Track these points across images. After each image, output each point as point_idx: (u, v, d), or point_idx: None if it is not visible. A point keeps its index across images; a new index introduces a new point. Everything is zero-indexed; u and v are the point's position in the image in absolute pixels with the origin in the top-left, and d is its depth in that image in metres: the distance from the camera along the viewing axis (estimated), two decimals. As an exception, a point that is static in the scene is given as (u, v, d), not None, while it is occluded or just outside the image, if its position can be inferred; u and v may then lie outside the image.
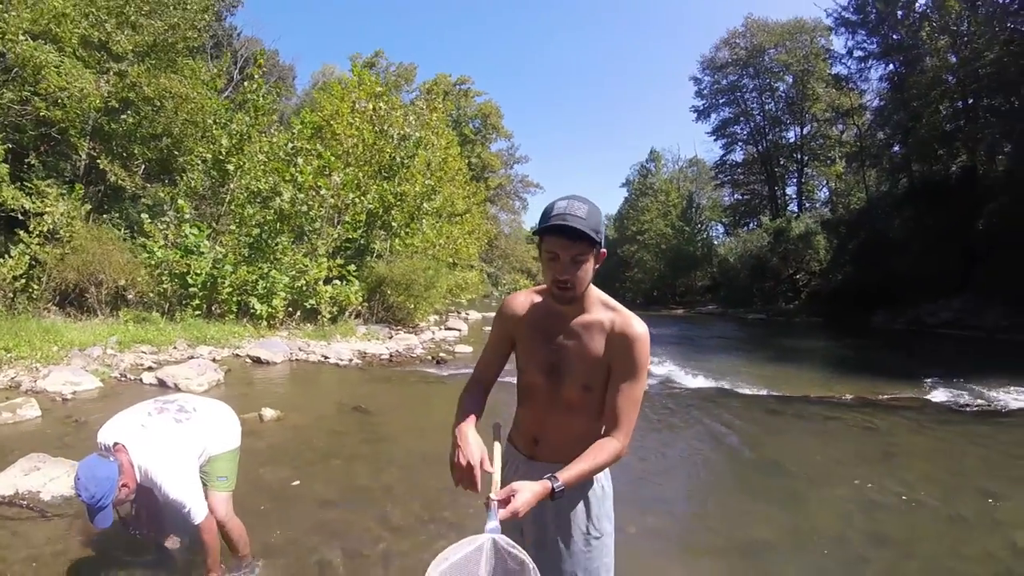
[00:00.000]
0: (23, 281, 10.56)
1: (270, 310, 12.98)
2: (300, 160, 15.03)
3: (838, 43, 35.97)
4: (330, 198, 15.35)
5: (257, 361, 9.90)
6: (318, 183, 14.99)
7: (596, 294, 1.88)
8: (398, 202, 17.74)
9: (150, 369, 8.12)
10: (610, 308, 1.87)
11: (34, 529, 3.37)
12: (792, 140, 47.50)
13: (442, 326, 19.35)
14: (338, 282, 14.91)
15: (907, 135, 28.57)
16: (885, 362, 13.82)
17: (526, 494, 1.56)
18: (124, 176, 14.25)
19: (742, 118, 49.72)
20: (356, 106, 18.73)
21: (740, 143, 51.37)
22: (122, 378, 7.64)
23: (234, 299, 12.76)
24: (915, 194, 27.33)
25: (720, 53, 48.64)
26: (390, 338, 14.61)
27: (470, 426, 1.74)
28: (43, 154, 13.51)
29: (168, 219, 12.93)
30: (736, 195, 54.98)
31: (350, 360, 11.09)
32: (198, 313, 12.23)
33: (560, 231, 1.67)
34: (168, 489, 2.65)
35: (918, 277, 23.41)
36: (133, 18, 14.25)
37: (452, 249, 24.67)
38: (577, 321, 1.86)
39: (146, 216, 12.73)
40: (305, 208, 14.56)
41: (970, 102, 26.40)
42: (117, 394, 6.86)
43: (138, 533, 3.07)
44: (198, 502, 2.72)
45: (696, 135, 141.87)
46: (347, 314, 15.11)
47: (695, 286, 52.20)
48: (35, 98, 12.23)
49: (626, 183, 70.51)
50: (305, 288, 13.91)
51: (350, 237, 16.15)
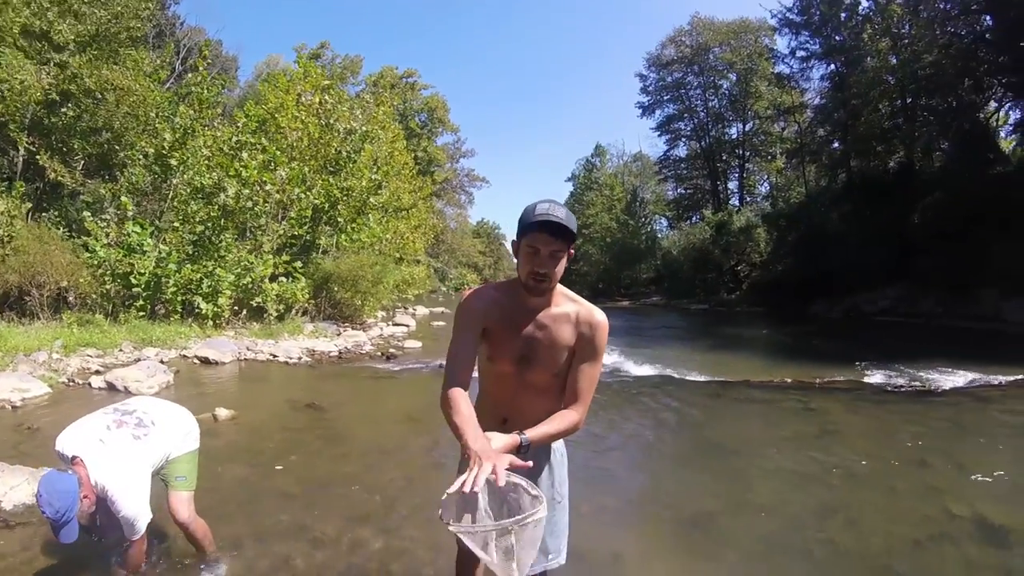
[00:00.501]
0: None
1: (216, 309, 12.79)
2: (245, 154, 14.79)
3: (781, 43, 37.05)
4: (276, 193, 15.12)
5: (205, 361, 9.86)
6: (263, 178, 14.77)
7: (561, 289, 2.12)
8: (344, 197, 17.59)
9: (98, 373, 8.05)
10: (574, 301, 2.13)
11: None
12: (734, 136, 48.72)
13: (390, 322, 19.34)
14: (284, 279, 14.76)
15: (846, 132, 29.76)
16: (823, 348, 14.42)
17: (498, 440, 1.80)
18: (64, 172, 13.81)
19: (686, 114, 50.68)
20: (302, 99, 18.47)
21: (684, 139, 52.40)
22: (70, 383, 7.57)
23: (179, 299, 12.53)
24: (853, 189, 28.39)
25: (666, 51, 49.41)
26: (338, 335, 14.58)
27: (480, 439, 1.76)
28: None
29: (109, 216, 12.59)
30: (679, 189, 56.10)
31: (299, 358, 11.11)
32: (142, 314, 11.99)
33: (545, 227, 1.89)
34: (121, 507, 2.69)
35: (856, 268, 24.29)
36: (76, 6, 13.83)
37: (399, 244, 24.61)
38: (545, 314, 2.09)
39: (88, 214, 12.37)
40: (250, 204, 14.34)
41: (908, 101, 27.53)
42: (67, 399, 6.82)
43: (100, 539, 3.08)
44: (143, 522, 2.77)
45: (641, 131, 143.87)
46: (294, 312, 14.99)
47: (639, 278, 53.15)
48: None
49: (571, 177, 71.23)
50: (251, 286, 13.72)
51: (296, 233, 15.95)
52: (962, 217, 19.74)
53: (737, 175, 49.34)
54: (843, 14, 29.88)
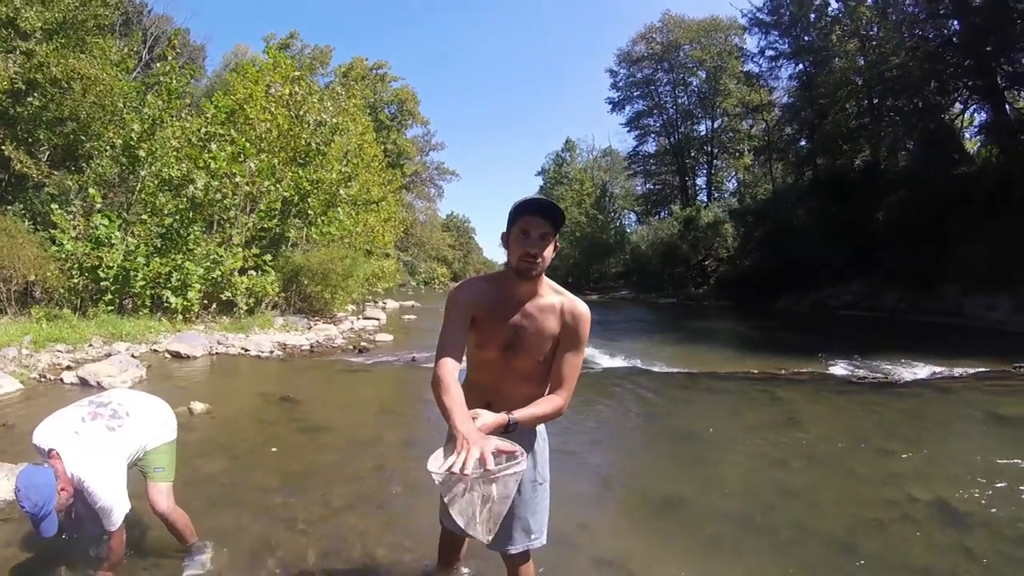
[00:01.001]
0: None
1: (185, 303, 12.61)
2: (214, 146, 14.57)
3: (751, 42, 37.70)
4: (245, 185, 14.94)
5: (177, 356, 9.76)
6: (232, 170, 14.57)
7: (547, 282, 2.26)
8: (314, 189, 17.43)
9: (69, 368, 7.92)
10: (559, 293, 2.28)
11: None
12: (703, 133, 49.45)
13: (360, 316, 19.22)
14: (254, 273, 14.58)
15: (814, 131, 30.40)
16: (789, 341, 14.69)
17: (487, 417, 1.95)
18: (29, 163, 13.49)
19: (655, 111, 51.29)
20: (271, 90, 18.24)
21: (653, 135, 53.02)
22: (42, 378, 7.46)
23: (148, 292, 12.33)
24: (819, 186, 29.00)
25: (637, 47, 49.92)
26: (309, 329, 14.49)
27: (469, 422, 1.87)
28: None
29: (75, 209, 12.31)
30: (648, 185, 56.72)
31: (271, 352, 11.06)
32: (111, 308, 11.77)
33: (534, 208, 2.08)
34: (97, 498, 2.71)
35: (821, 263, 24.82)
36: (43, -8, 13.43)
37: (369, 237, 24.48)
38: (531, 304, 2.23)
39: (55, 206, 12.06)
40: (219, 196, 14.13)
41: (875, 102, 28.14)
42: (39, 395, 6.73)
43: (76, 536, 3.07)
44: (120, 513, 2.78)
45: (611, 126, 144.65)
46: (264, 305, 14.85)
47: (608, 272, 53.52)
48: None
49: (541, 172, 71.56)
50: (220, 279, 13.55)
51: (265, 226, 15.76)
52: (926, 215, 20.24)
53: (705, 171, 50.10)
54: (812, 15, 30.50)
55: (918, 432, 6.29)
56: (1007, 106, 20.99)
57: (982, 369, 9.46)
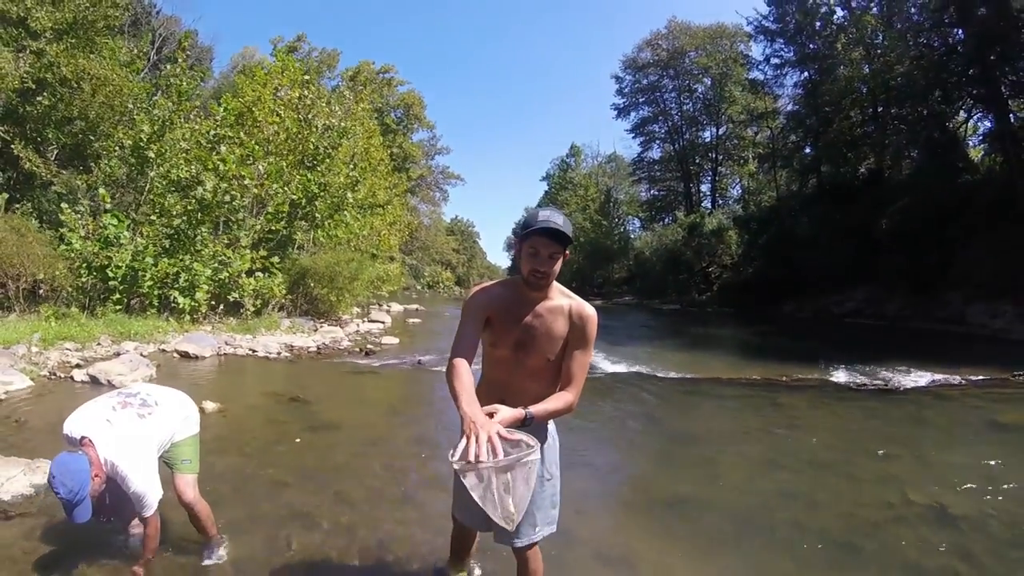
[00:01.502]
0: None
1: (193, 304, 12.76)
2: (223, 148, 14.74)
3: (756, 50, 38.04)
4: (253, 188, 15.10)
5: (185, 356, 9.88)
6: (241, 172, 14.72)
7: (556, 286, 2.42)
8: (322, 193, 17.59)
9: (79, 366, 8.02)
10: (567, 296, 2.43)
11: (0, 530, 3.38)
12: (708, 140, 49.55)
13: (365, 318, 19.35)
14: (261, 274, 14.73)
15: (818, 138, 30.34)
16: (792, 348, 14.67)
17: (505, 412, 2.06)
18: (38, 162, 13.61)
19: (660, 117, 51.38)
20: (279, 93, 18.38)
21: (658, 141, 53.08)
22: (52, 376, 7.54)
23: (155, 292, 12.47)
24: (823, 194, 29.01)
25: (642, 54, 50.04)
26: (315, 331, 14.61)
27: (479, 409, 1.99)
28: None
29: (83, 208, 12.45)
30: (652, 191, 56.84)
31: (279, 353, 11.17)
32: (119, 308, 11.90)
33: (545, 232, 2.19)
34: (131, 483, 2.78)
35: (825, 270, 24.87)
36: (54, -8, 13.55)
37: (375, 241, 24.61)
38: (542, 307, 2.38)
39: (65, 205, 12.20)
40: (228, 198, 14.29)
41: (879, 110, 28.13)
42: (50, 392, 6.81)
43: (105, 519, 3.11)
44: (154, 498, 2.86)
45: (615, 132, 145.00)
46: (271, 307, 14.98)
47: (612, 278, 53.62)
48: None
49: (546, 177, 71.76)
50: (228, 281, 13.71)
51: (273, 228, 15.92)
52: (929, 223, 20.24)
53: (710, 178, 50.14)
54: (818, 23, 30.45)
55: (916, 438, 6.35)
56: (1011, 115, 20.97)
57: (982, 377, 9.48)
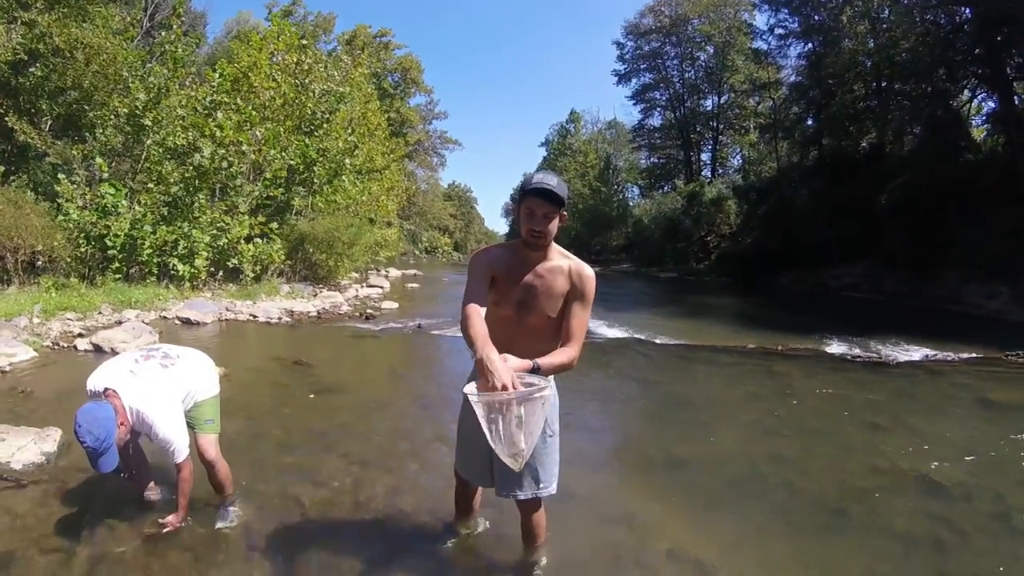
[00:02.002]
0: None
1: (192, 271, 12.78)
2: (220, 114, 14.61)
3: (760, 19, 37.43)
4: (251, 154, 15.01)
5: (187, 322, 9.95)
6: (238, 138, 14.63)
7: (556, 248, 2.54)
8: (320, 158, 17.52)
9: (81, 336, 8.04)
10: (567, 257, 2.55)
11: (12, 499, 3.42)
12: (709, 108, 48.97)
13: (364, 284, 19.48)
14: (260, 240, 14.75)
15: (820, 111, 29.99)
16: (787, 319, 14.77)
17: (514, 361, 2.12)
18: (32, 133, 13.42)
19: (662, 84, 50.75)
20: (275, 58, 18.14)
21: (659, 108, 52.55)
22: (55, 346, 7.56)
23: (154, 260, 12.47)
24: (824, 166, 28.68)
25: (645, 20, 49.20)
26: (315, 296, 14.71)
27: (494, 350, 2.08)
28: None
29: (79, 179, 12.34)
30: (652, 159, 56.44)
31: (279, 318, 11.25)
32: (118, 277, 11.90)
33: (539, 193, 2.31)
34: (158, 428, 2.86)
35: (823, 243, 24.86)
36: (44, -40, 13.27)
37: (373, 206, 24.55)
38: (542, 267, 2.49)
39: (62, 176, 12.11)
40: (225, 164, 14.23)
41: (883, 85, 27.75)
42: (54, 362, 6.84)
43: (126, 474, 3.22)
44: (183, 442, 2.95)
45: (616, 98, 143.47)
46: (270, 273, 15.03)
47: (610, 245, 53.61)
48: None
49: (545, 143, 71.33)
50: (227, 247, 13.74)
51: (270, 194, 15.86)
52: (929, 201, 20.10)
53: (710, 147, 49.79)
54: (823, -6, 30.01)
55: (907, 410, 6.44)
56: (1015, 97, 20.79)
57: (974, 355, 9.55)
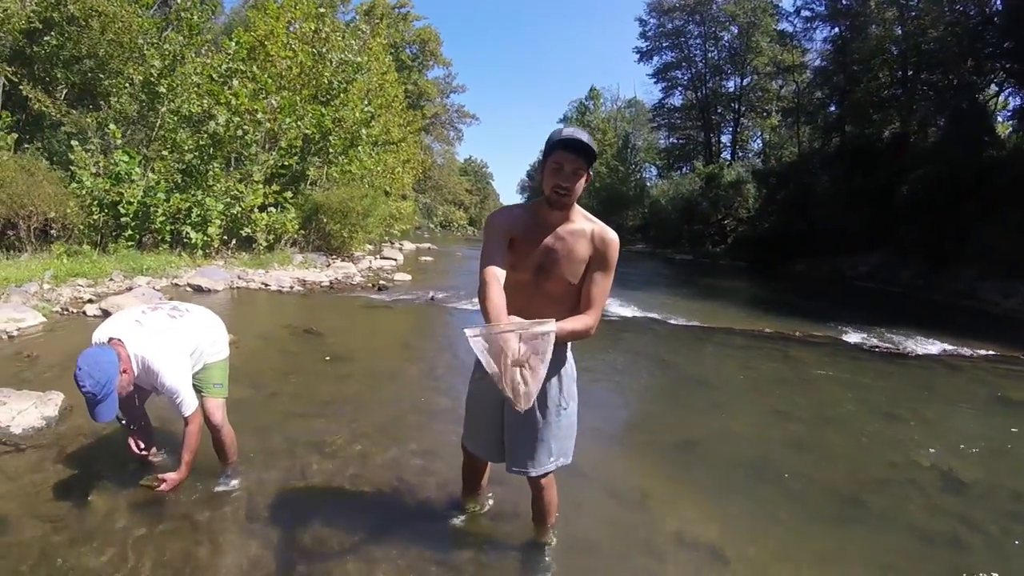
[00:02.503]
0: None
1: (205, 239, 12.78)
2: (235, 82, 14.53)
3: (787, 0, 36.79)
4: (266, 122, 14.93)
5: (198, 289, 9.95)
6: (254, 107, 14.54)
7: (579, 210, 2.37)
8: (336, 127, 17.41)
9: (91, 302, 8.01)
10: (590, 220, 2.38)
11: (11, 462, 3.37)
12: (731, 90, 48.06)
13: (378, 256, 19.49)
14: (274, 209, 14.72)
15: (844, 97, 29.57)
16: (803, 306, 14.58)
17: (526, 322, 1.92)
18: (47, 102, 13.33)
19: (684, 63, 49.85)
20: (293, 27, 17.99)
21: (680, 88, 51.61)
22: (64, 312, 7.54)
23: (167, 228, 12.46)
24: (845, 154, 28.21)
25: (668, -3, 48.30)
26: (328, 266, 14.71)
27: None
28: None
29: (94, 147, 12.31)
30: (672, 139, 55.57)
31: (291, 287, 11.27)
32: (131, 244, 11.89)
33: (569, 146, 2.15)
34: (164, 377, 2.76)
35: (841, 232, 24.42)
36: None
37: (389, 178, 24.45)
38: (563, 229, 2.32)
39: (75, 143, 12.05)
40: (240, 133, 14.15)
41: (909, 73, 27.23)
42: (62, 327, 6.81)
43: (132, 427, 3.12)
44: (190, 393, 2.86)
45: (637, 76, 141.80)
46: (283, 242, 15.03)
47: (626, 225, 53.10)
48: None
49: (564, 119, 70.26)
50: (240, 216, 13.72)
51: (285, 163, 15.80)
52: (950, 194, 19.82)
53: (731, 129, 48.92)
54: (852, -23, 29.34)
55: (925, 403, 6.31)
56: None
57: (991, 352, 9.33)
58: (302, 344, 6.83)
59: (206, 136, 13.63)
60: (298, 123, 15.65)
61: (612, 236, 2.34)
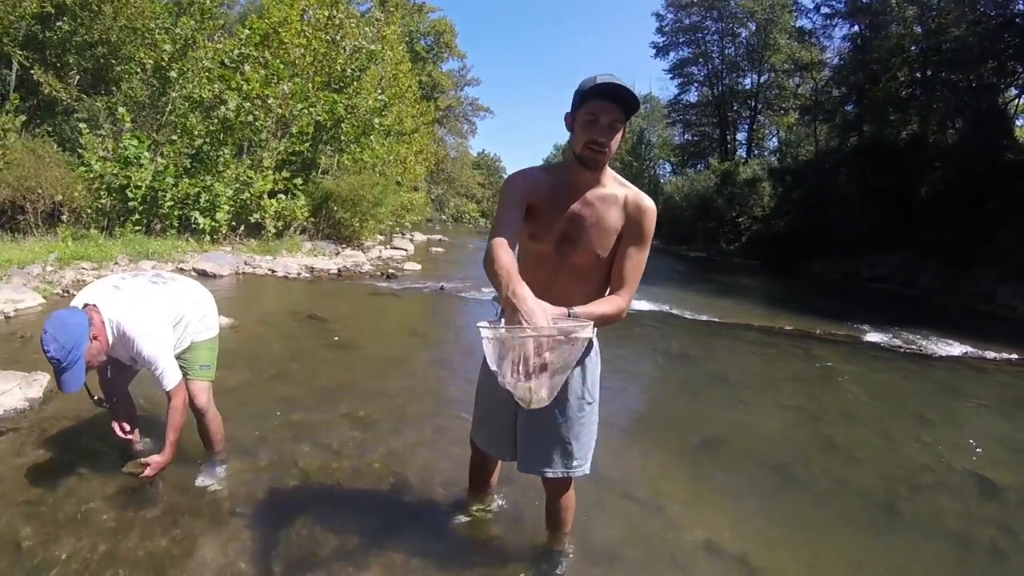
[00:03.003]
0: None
1: (213, 224, 12.59)
2: (247, 68, 14.34)
3: (807, -3, 36.15)
4: (277, 108, 14.74)
5: (203, 274, 9.77)
6: (265, 92, 14.35)
7: (611, 173, 2.04)
8: (349, 115, 17.19)
9: (93, 284, 7.87)
10: (623, 184, 2.06)
11: None
12: (748, 87, 47.56)
13: (388, 245, 19.33)
14: (283, 196, 14.55)
15: (862, 96, 29.08)
16: (821, 305, 14.37)
17: (547, 305, 1.60)
18: (59, 87, 13.22)
19: (701, 59, 49.38)
20: (307, 15, 17.81)
21: (696, 84, 51.16)
22: (64, 294, 7.41)
23: (176, 213, 12.29)
24: (863, 153, 27.76)
25: (686, -8, 47.86)
26: (337, 254, 14.56)
27: (525, 286, 1.62)
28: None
29: (104, 132, 12.16)
30: (687, 135, 55.20)
31: (298, 273, 11.15)
32: (138, 228, 11.74)
33: (607, 93, 1.82)
34: (141, 345, 2.50)
35: (858, 232, 24.08)
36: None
37: (401, 168, 24.27)
38: (592, 194, 2.00)
39: (84, 127, 11.86)
40: (251, 119, 13.97)
41: (928, 73, 26.75)
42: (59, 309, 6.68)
43: (107, 405, 2.85)
44: (171, 365, 2.59)
45: (652, 72, 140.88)
46: (292, 229, 14.85)
47: (639, 221, 52.81)
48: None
49: (577, 113, 70.11)
50: (249, 202, 13.55)
51: (296, 150, 15.60)
52: (969, 196, 19.50)
53: (747, 126, 48.43)
54: (873, -25, 28.91)
55: (953, 404, 6.15)
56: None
57: (1016, 356, 9.06)
58: (305, 329, 6.66)
59: (216, 121, 13.46)
60: (310, 110, 15.44)
61: (648, 203, 2.03)
